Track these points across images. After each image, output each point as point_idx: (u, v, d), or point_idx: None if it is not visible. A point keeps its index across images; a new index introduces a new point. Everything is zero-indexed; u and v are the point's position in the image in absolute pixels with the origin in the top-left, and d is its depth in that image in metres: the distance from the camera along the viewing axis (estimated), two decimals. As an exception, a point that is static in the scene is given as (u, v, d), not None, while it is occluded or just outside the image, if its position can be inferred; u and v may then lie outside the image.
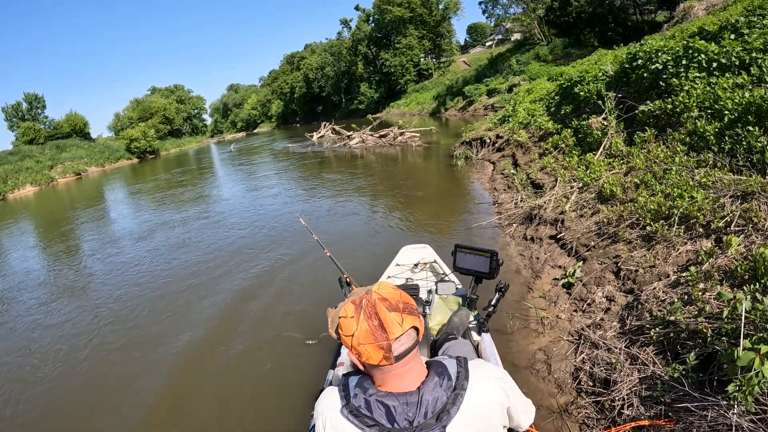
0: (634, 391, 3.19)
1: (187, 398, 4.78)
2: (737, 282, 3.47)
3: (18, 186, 43.27)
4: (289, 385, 4.60)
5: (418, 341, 1.48)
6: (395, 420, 1.41)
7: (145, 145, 63.79)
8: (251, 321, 6.31)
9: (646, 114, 7.37)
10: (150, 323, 6.82)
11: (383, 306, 1.43)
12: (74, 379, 5.59)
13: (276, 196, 15.95)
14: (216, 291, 7.53)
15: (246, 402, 4.54)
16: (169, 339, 6.16)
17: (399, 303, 1.46)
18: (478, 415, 1.46)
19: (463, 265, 3.24)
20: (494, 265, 3.12)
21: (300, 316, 6.12)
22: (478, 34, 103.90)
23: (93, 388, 5.34)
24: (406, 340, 1.43)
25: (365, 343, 1.42)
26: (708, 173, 5.23)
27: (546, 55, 39.39)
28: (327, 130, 36.59)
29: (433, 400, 1.43)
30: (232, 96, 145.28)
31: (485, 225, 8.23)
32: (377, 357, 1.42)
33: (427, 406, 1.42)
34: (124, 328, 6.80)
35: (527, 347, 4.47)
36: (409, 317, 1.44)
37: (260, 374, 4.97)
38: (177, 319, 6.78)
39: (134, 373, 5.47)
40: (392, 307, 1.44)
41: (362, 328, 1.42)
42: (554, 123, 10.81)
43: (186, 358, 5.61)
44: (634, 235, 5.09)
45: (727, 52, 6.75)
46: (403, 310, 1.44)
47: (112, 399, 5.03)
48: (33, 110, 68.59)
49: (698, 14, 15.01)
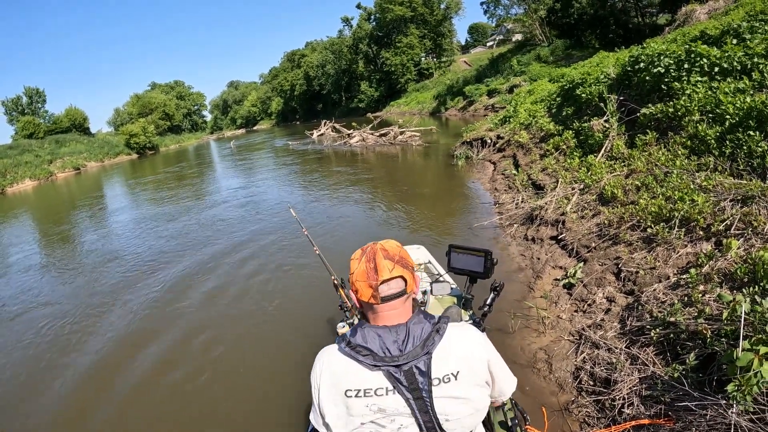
0: (635, 390, 3.24)
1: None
2: (737, 284, 3.52)
3: (17, 180, 43.17)
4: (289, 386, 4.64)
5: (405, 291, 1.66)
6: (387, 348, 1.58)
7: (145, 141, 63.68)
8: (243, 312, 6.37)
9: (648, 117, 7.42)
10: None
11: (381, 254, 1.67)
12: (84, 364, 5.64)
13: (271, 193, 16.06)
14: (208, 285, 7.59)
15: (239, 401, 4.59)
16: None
17: (395, 255, 1.69)
18: (459, 351, 1.62)
19: (457, 265, 3.26)
20: (489, 264, 3.14)
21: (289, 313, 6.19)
22: (479, 34, 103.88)
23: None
24: (394, 285, 1.64)
25: (360, 280, 1.66)
26: (709, 177, 5.28)
27: (547, 56, 39.45)
28: (327, 128, 36.60)
29: (419, 331, 1.61)
30: (232, 93, 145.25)
31: (486, 225, 8.28)
32: (367, 294, 1.64)
33: (414, 336, 1.59)
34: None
35: (528, 346, 4.52)
36: (399, 267, 1.65)
37: (248, 371, 5.02)
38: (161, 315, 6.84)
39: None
40: (388, 256, 1.67)
41: (360, 267, 1.68)
42: (555, 124, 10.86)
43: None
44: (635, 236, 5.14)
45: (728, 57, 6.80)
46: (397, 262, 1.66)
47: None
48: (33, 104, 68.37)
49: (700, 18, 15.07)
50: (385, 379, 1.56)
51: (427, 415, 1.56)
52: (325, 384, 1.63)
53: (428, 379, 1.56)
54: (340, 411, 1.60)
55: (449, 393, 1.57)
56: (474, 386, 1.63)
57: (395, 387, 1.55)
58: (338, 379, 1.61)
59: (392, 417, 1.57)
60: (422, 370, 1.56)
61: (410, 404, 1.55)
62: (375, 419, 1.57)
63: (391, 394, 1.56)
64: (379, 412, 1.57)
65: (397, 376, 1.55)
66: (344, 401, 1.59)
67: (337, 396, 1.60)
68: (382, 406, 1.56)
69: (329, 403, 1.62)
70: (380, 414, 1.57)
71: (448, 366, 1.58)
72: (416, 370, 1.56)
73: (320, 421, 1.66)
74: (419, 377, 1.55)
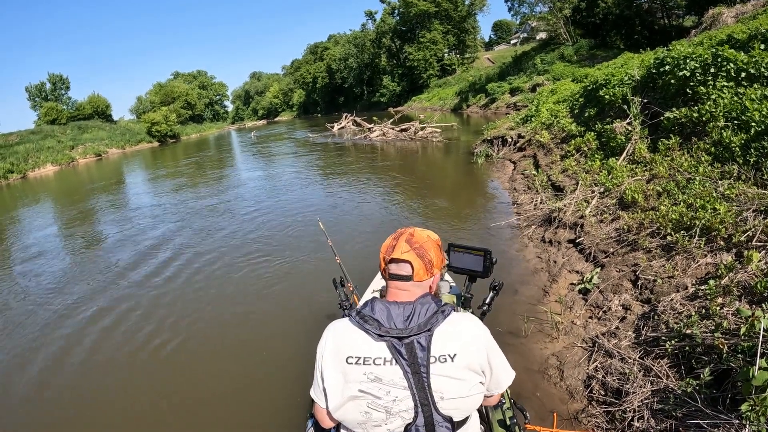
0: (646, 403, 3.18)
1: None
2: (756, 299, 3.44)
3: (39, 165, 43.93)
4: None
5: (411, 277, 1.78)
6: (393, 320, 1.69)
7: (166, 129, 64.36)
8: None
9: (672, 121, 7.28)
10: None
11: (406, 237, 1.84)
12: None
13: (292, 185, 16.07)
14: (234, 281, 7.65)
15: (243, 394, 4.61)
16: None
17: (416, 243, 1.82)
18: (460, 335, 1.70)
19: (457, 264, 3.24)
20: (488, 263, 3.11)
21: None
22: (503, 31, 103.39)
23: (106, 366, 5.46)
24: (403, 267, 1.79)
25: (382, 251, 1.87)
26: (732, 185, 5.16)
27: (571, 56, 38.94)
28: (348, 121, 36.61)
29: (424, 309, 1.70)
30: (255, 84, 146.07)
31: (503, 225, 8.22)
32: (382, 266, 1.86)
33: (419, 314, 1.69)
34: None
35: (540, 351, 4.47)
36: (412, 254, 1.78)
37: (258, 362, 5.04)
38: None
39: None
40: (409, 240, 1.82)
41: (387, 242, 1.88)
42: (577, 125, 10.74)
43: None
44: (654, 244, 5.06)
45: (756, 63, 6.64)
46: (414, 248, 1.80)
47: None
48: (56, 91, 69.53)
49: (727, 21, 14.82)
50: (387, 350, 1.65)
51: (423, 392, 1.62)
52: (329, 350, 1.73)
53: (427, 355, 1.63)
54: (339, 377, 1.69)
55: (445, 372, 1.64)
56: (470, 371, 1.68)
57: (395, 358, 1.64)
58: (342, 346, 1.71)
59: (387, 388, 1.63)
60: (423, 345, 1.64)
61: (407, 377, 1.62)
62: (369, 389, 1.65)
63: (389, 365, 1.64)
64: (375, 381, 1.64)
65: (399, 348, 1.64)
66: (343, 368, 1.68)
67: (338, 362, 1.69)
68: (378, 375, 1.64)
69: (330, 368, 1.71)
70: (376, 384, 1.64)
71: (446, 347, 1.66)
72: (417, 344, 1.64)
73: (320, 387, 1.75)
74: (419, 352, 1.63)
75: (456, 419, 1.69)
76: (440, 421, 1.65)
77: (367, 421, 1.67)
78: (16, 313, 7.42)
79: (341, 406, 1.69)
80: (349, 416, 1.70)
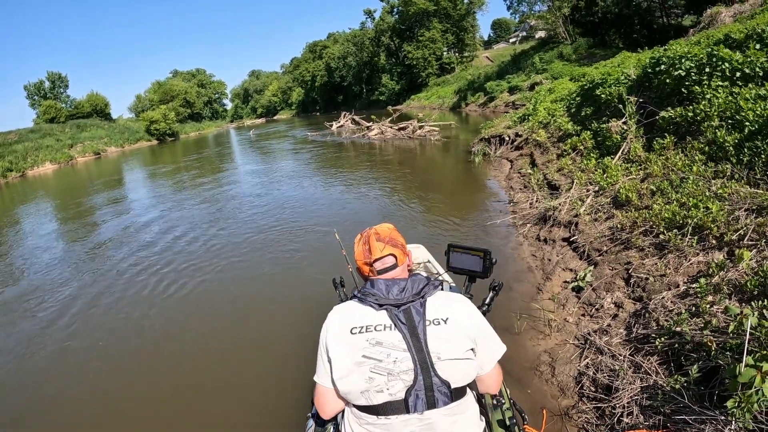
0: (635, 399, 3.21)
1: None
2: (746, 297, 3.46)
3: (37, 163, 43.94)
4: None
5: (397, 264, 2.04)
6: (390, 292, 1.92)
7: (165, 128, 64.36)
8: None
9: (667, 120, 7.30)
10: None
11: (374, 237, 2.06)
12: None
13: (291, 185, 16.04)
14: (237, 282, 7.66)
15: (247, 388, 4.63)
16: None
17: (386, 237, 2.07)
18: (450, 305, 1.94)
19: (456, 265, 3.24)
20: (487, 264, 3.12)
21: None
22: (502, 30, 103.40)
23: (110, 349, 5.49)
24: (387, 261, 2.02)
25: (359, 260, 2.09)
26: (725, 184, 5.17)
27: (570, 55, 38.91)
28: (347, 120, 36.62)
29: (418, 282, 1.97)
30: (254, 82, 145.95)
31: (499, 223, 8.24)
32: (366, 270, 2.07)
33: (414, 286, 1.95)
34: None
35: (533, 348, 4.50)
36: (389, 246, 2.03)
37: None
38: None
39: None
40: (380, 238, 2.06)
41: (358, 249, 2.10)
42: (574, 124, 10.77)
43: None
44: (647, 242, 5.08)
45: (751, 62, 6.65)
46: (387, 242, 2.04)
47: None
48: (55, 89, 69.35)
49: (725, 21, 14.81)
50: (387, 318, 1.87)
51: (422, 354, 1.79)
52: (334, 326, 1.92)
53: (423, 318, 1.85)
54: (344, 348, 1.85)
55: (440, 334, 1.83)
56: (462, 334, 1.87)
57: (394, 323, 1.85)
58: (346, 320, 1.91)
59: (388, 351, 1.80)
60: (419, 310, 1.87)
61: (406, 340, 1.81)
62: (372, 353, 1.80)
63: (389, 331, 1.84)
64: (377, 345, 1.81)
65: (397, 314, 1.87)
66: (349, 339, 1.85)
67: (344, 334, 1.87)
68: (379, 339, 1.82)
69: (335, 340, 1.88)
70: (377, 347, 1.81)
71: (439, 312, 1.89)
72: (414, 310, 1.88)
73: (324, 359, 1.92)
74: (416, 316, 1.86)
75: (453, 385, 1.81)
76: (438, 384, 1.78)
77: (370, 388, 1.79)
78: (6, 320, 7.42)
79: (346, 376, 1.82)
80: (353, 385, 1.81)
